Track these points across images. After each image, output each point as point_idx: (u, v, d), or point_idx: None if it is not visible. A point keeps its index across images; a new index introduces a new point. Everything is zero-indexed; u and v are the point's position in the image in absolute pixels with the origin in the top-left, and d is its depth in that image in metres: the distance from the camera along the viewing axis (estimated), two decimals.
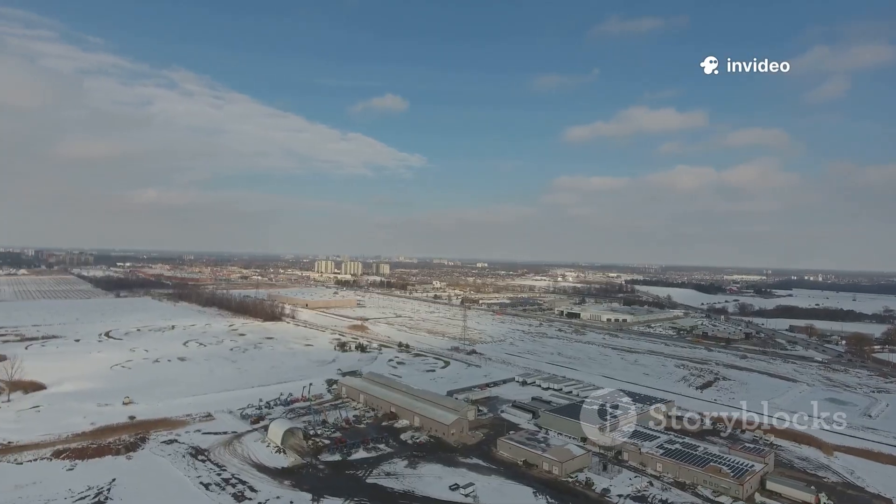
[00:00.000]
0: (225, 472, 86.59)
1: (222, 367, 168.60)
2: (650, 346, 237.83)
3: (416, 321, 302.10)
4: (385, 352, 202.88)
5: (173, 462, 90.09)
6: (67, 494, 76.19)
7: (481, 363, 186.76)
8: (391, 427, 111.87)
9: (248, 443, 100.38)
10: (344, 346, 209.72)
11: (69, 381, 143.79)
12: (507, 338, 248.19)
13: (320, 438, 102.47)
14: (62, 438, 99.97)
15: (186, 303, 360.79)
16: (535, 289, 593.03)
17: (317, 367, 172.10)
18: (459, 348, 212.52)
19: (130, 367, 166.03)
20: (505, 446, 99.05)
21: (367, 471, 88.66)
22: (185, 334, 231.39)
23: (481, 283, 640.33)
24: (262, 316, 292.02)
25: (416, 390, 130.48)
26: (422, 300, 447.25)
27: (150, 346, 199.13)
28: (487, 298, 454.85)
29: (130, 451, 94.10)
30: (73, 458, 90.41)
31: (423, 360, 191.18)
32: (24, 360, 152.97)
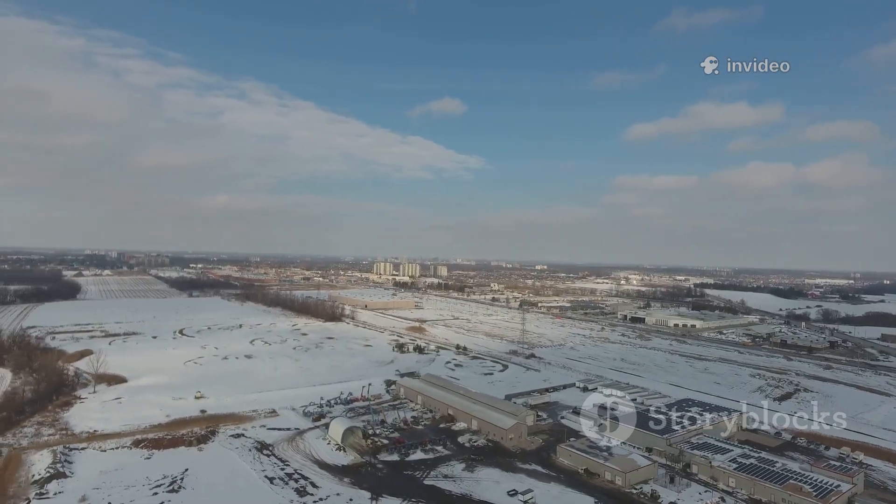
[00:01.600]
0: (288, 468, 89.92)
1: (286, 366, 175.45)
2: (722, 353, 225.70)
3: (474, 324, 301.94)
4: (443, 354, 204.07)
5: (241, 455, 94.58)
6: (145, 482, 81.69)
7: (540, 367, 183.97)
8: (449, 429, 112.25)
9: (309, 440, 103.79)
10: (402, 347, 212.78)
11: (147, 375, 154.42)
12: (568, 342, 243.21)
13: (379, 438, 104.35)
14: (140, 429, 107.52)
15: (253, 303, 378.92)
16: (597, 292, 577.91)
17: (375, 367, 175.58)
18: (518, 352, 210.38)
19: (202, 364, 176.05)
20: (565, 453, 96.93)
21: (424, 472, 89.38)
22: (252, 333, 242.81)
23: (540, 286, 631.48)
24: (324, 316, 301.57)
25: (473, 393, 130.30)
26: (479, 302, 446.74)
27: (219, 344, 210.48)
28: (547, 301, 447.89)
29: (202, 444, 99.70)
30: (150, 447, 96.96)
31: (481, 363, 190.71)
32: (107, 355, 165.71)
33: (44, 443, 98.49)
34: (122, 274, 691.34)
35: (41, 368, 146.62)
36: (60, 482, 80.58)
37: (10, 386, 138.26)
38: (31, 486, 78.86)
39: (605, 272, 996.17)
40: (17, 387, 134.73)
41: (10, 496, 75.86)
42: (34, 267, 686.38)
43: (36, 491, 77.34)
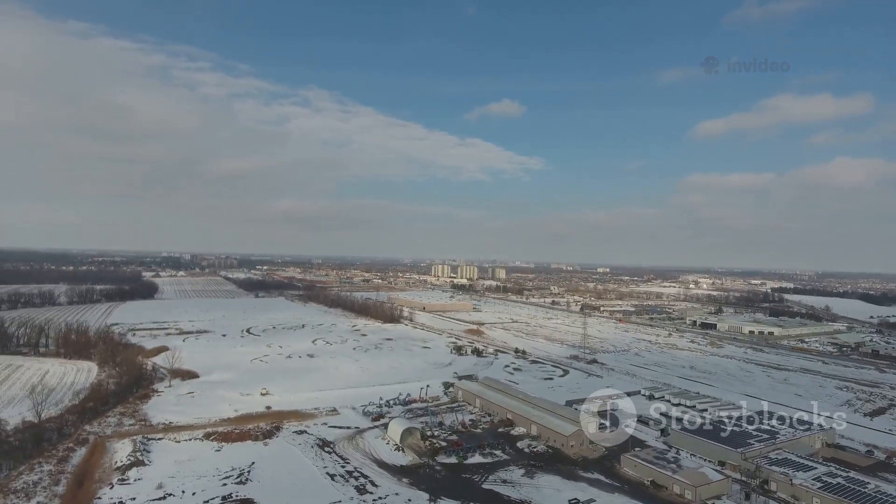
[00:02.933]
0: (348, 465, 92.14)
1: (346, 365, 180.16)
2: (804, 363, 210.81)
3: (533, 327, 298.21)
4: (501, 357, 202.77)
5: (303, 451, 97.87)
6: (215, 473, 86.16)
7: (603, 373, 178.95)
8: (507, 434, 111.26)
9: (369, 439, 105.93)
10: (460, 349, 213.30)
11: (217, 371, 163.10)
12: (632, 348, 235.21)
13: (437, 440, 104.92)
14: (211, 422, 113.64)
15: (314, 303, 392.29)
16: (664, 296, 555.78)
17: (433, 369, 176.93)
18: (579, 357, 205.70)
19: (267, 362, 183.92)
20: (630, 463, 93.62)
21: (483, 476, 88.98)
22: (314, 333, 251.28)
23: (602, 289, 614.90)
24: (382, 317, 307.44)
25: (533, 398, 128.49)
26: (539, 306, 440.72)
27: (283, 343, 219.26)
28: (609, 305, 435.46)
29: (267, 438, 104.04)
30: (219, 440, 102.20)
31: (541, 367, 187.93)
32: (181, 352, 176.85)
33: (125, 432, 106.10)
34: (195, 275, 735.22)
35: (123, 363, 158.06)
36: (139, 469, 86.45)
37: (96, 378, 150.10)
38: (114, 472, 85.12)
39: (672, 275, 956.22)
40: (102, 379, 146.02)
41: (97, 480, 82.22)
42: (117, 268, 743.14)
43: (118, 477, 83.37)
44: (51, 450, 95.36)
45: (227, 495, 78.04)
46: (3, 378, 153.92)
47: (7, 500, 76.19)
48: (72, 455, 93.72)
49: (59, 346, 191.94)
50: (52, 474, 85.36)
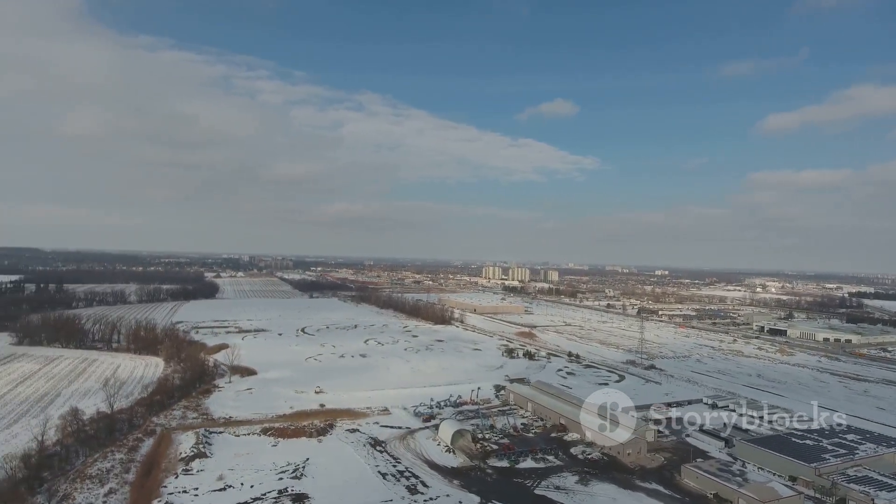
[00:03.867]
0: (399, 465, 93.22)
1: (397, 366, 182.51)
2: (887, 374, 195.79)
3: (587, 331, 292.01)
4: (554, 361, 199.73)
5: (356, 450, 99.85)
6: (272, 467, 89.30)
7: (661, 380, 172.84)
8: (560, 439, 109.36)
9: (420, 439, 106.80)
10: (511, 352, 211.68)
11: (273, 369, 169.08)
12: (693, 354, 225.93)
13: (488, 443, 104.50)
14: (268, 418, 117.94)
15: (367, 304, 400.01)
16: (728, 300, 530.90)
17: (484, 371, 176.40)
18: (636, 362, 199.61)
19: (320, 361, 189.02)
20: (691, 474, 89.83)
21: (535, 481, 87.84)
22: (366, 333, 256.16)
23: (661, 293, 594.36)
24: (433, 319, 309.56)
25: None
26: (593, 309, 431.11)
27: (336, 343, 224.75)
28: (668, 309, 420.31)
29: (321, 436, 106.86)
30: (276, 435, 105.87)
31: (595, 371, 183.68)
32: (240, 349, 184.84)
33: (189, 425, 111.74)
34: (253, 276, 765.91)
35: (187, 359, 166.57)
36: (202, 461, 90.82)
37: (162, 373, 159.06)
38: (179, 463, 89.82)
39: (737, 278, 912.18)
40: (168, 374, 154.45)
41: (163, 469, 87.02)
42: (182, 269, 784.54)
43: (182, 467, 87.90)
44: (122, 439, 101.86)
45: (283, 489, 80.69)
46: (81, 371, 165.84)
47: (83, 485, 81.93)
48: (140, 445, 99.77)
49: (130, 342, 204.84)
50: (122, 462, 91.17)
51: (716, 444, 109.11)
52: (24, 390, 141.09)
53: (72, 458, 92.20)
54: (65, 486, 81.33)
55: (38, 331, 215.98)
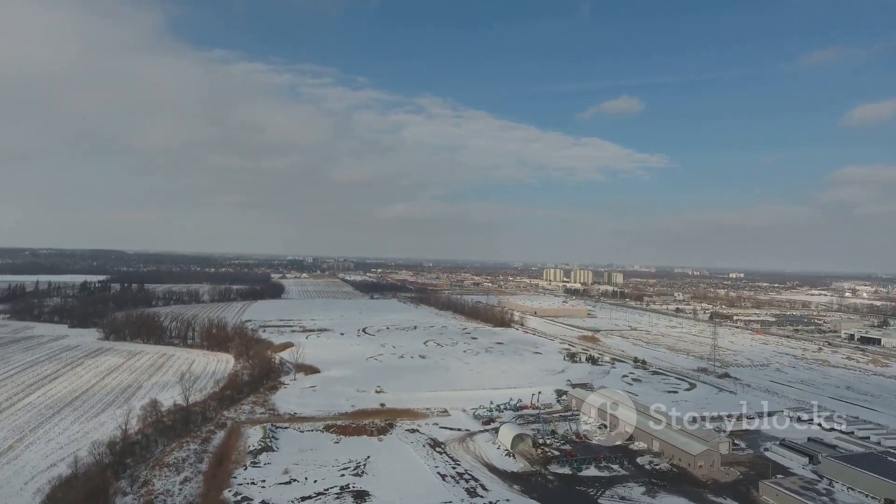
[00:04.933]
0: (459, 467, 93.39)
1: (456, 367, 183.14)
2: None
3: (655, 336, 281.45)
4: (618, 366, 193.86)
5: (415, 450, 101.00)
6: (334, 463, 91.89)
7: (736, 389, 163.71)
8: (626, 448, 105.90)
9: (479, 442, 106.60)
10: (574, 356, 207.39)
11: (336, 367, 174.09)
12: (772, 362, 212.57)
13: (549, 448, 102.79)
14: (331, 415, 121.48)
15: (426, 306, 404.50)
16: (811, 305, 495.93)
17: (545, 375, 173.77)
18: (708, 370, 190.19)
19: (381, 361, 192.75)
20: (770, 492, 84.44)
21: (599, 490, 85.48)
22: (425, 334, 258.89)
23: (735, 297, 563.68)
24: (493, 321, 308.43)
25: (655, 411, 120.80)
26: (661, 313, 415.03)
27: (396, 343, 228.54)
28: (744, 314, 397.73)
29: (381, 435, 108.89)
30: (338, 433, 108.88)
31: (664, 379, 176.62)
32: (304, 348, 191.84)
33: (257, 419, 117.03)
34: (316, 277, 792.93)
35: (255, 356, 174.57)
36: (269, 455, 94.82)
37: (233, 369, 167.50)
38: (248, 455, 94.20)
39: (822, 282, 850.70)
40: (237, 370, 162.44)
41: (233, 461, 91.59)
42: (250, 270, 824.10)
43: (251, 460, 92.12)
44: (196, 431, 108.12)
45: (345, 486, 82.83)
46: (159, 365, 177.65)
47: (162, 473, 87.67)
48: (213, 437, 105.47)
49: (203, 339, 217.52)
50: (196, 453, 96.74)
51: (798, 460, 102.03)
52: (109, 382, 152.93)
53: (151, 446, 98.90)
54: (145, 473, 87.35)
55: (123, 327, 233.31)
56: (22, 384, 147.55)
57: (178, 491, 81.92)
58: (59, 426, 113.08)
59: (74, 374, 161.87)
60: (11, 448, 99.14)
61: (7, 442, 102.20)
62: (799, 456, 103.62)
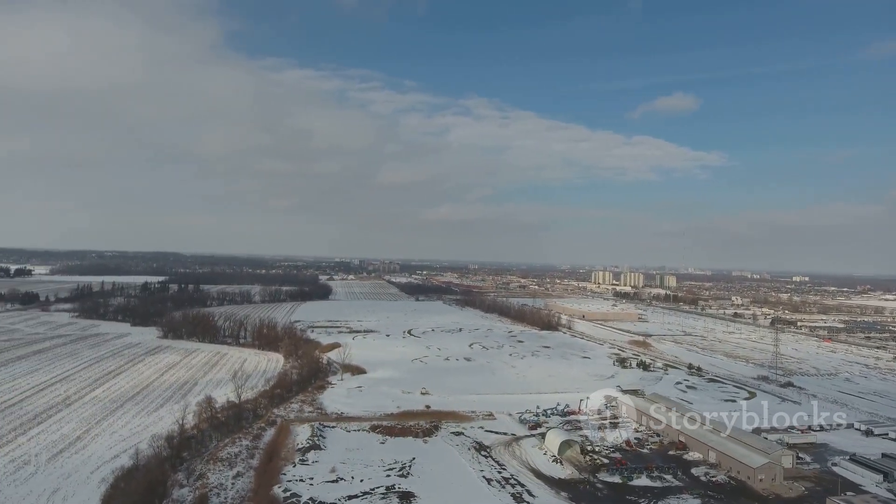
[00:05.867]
0: (504, 472, 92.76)
1: (502, 371, 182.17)
2: None
3: (710, 341, 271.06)
4: (672, 373, 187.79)
5: (460, 452, 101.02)
6: (380, 463, 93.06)
7: (801, 399, 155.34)
8: (680, 458, 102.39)
9: (525, 447, 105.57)
10: (624, 361, 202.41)
11: (382, 368, 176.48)
12: (841, 371, 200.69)
13: (598, 456, 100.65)
14: (377, 416, 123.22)
15: (471, 308, 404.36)
16: (885, 311, 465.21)
17: (594, 380, 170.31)
18: (769, 378, 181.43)
19: (426, 362, 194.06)
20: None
21: (651, 501, 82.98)
22: (470, 337, 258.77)
23: (800, 301, 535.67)
24: (539, 324, 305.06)
25: (711, 421, 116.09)
26: (717, 318, 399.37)
27: (441, 345, 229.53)
28: (809, 320, 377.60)
29: (426, 436, 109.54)
30: (384, 433, 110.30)
31: (720, 386, 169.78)
32: (351, 349, 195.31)
33: (305, 418, 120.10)
34: (363, 279, 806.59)
35: (304, 356, 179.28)
36: (316, 453, 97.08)
37: (282, 368, 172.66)
38: (296, 453, 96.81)
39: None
40: (287, 370, 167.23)
41: (282, 458, 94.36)
42: (299, 272, 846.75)
43: (299, 457, 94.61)
44: (248, 427, 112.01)
45: (390, 486, 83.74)
46: (214, 363, 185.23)
47: (215, 467, 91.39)
48: (263, 434, 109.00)
49: (254, 338, 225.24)
50: (248, 449, 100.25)
51: (871, 477, 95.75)
52: (168, 378, 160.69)
53: (206, 441, 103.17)
54: (200, 467, 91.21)
55: (180, 326, 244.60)
56: (89, 378, 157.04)
57: (230, 485, 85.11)
58: (121, 419, 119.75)
59: (136, 370, 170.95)
60: (80, 439, 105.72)
61: (76, 433, 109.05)
62: (872, 473, 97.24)
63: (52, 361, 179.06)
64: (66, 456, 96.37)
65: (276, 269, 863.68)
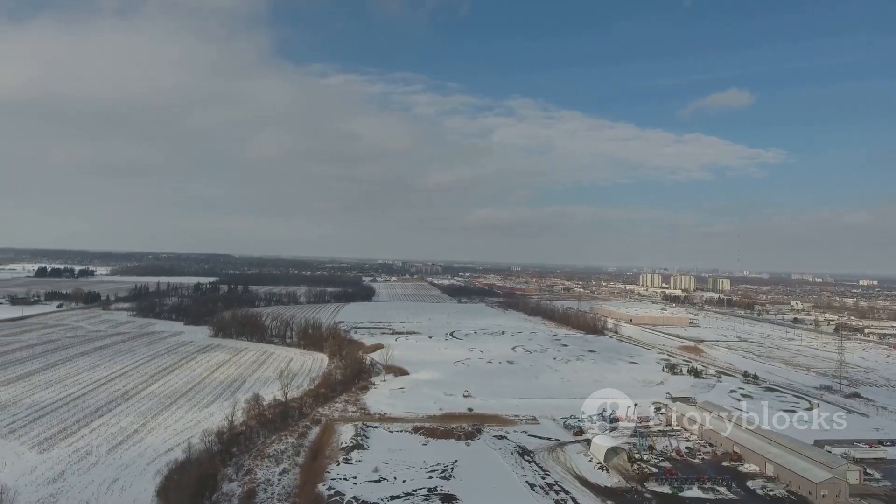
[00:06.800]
0: (548, 478, 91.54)
1: (546, 375, 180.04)
2: None
3: (768, 348, 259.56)
4: (725, 380, 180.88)
5: (503, 456, 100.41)
6: (422, 465, 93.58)
7: (869, 411, 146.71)
8: (734, 470, 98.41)
9: (570, 453, 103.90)
10: (674, 367, 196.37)
11: (424, 370, 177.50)
12: None
13: (646, 465, 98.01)
14: (419, 417, 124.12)
15: (514, 311, 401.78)
16: None
17: (642, 386, 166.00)
18: (833, 388, 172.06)
19: (468, 365, 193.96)
20: None
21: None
22: (513, 340, 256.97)
23: (867, 307, 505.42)
24: (584, 328, 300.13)
25: (769, 432, 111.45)
26: (775, 323, 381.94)
27: (484, 348, 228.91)
28: (878, 327, 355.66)
29: (469, 439, 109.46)
30: (426, 435, 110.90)
31: (779, 396, 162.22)
32: (394, 350, 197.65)
33: (349, 417, 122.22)
34: (405, 280, 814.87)
35: (347, 356, 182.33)
36: (360, 452, 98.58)
37: (326, 368, 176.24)
38: (340, 452, 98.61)
39: None
40: (331, 370, 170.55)
41: (327, 456, 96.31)
42: (343, 273, 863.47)
43: (343, 456, 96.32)
44: (293, 425, 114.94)
45: (432, 488, 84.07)
46: (261, 362, 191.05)
47: (263, 463, 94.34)
48: (308, 432, 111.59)
49: (300, 338, 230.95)
50: (294, 446, 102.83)
51: None
52: (218, 376, 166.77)
53: (254, 437, 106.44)
54: (248, 462, 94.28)
55: (230, 325, 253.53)
56: (145, 374, 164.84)
57: (277, 481, 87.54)
58: (175, 414, 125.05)
59: (189, 367, 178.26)
60: (137, 432, 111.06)
61: (133, 426, 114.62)
62: None
63: (112, 358, 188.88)
64: (124, 448, 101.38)
65: (320, 271, 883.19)
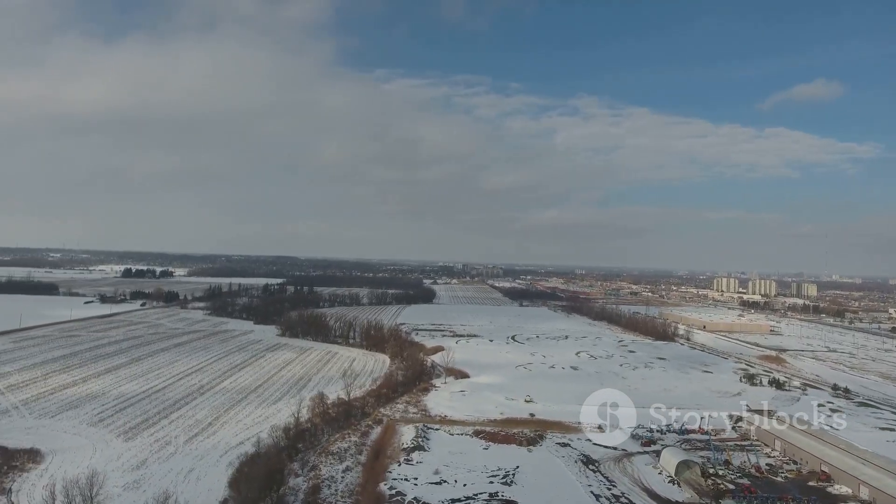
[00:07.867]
0: (615, 489, 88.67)
1: (612, 382, 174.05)
2: None
3: (861, 360, 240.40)
4: (811, 393, 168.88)
5: (566, 464, 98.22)
6: (483, 469, 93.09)
7: None
8: (823, 490, 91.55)
9: (638, 464, 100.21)
10: (752, 378, 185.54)
11: (484, 373, 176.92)
12: None
13: (722, 480, 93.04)
14: (479, 421, 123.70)
15: (578, 315, 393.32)
16: None
17: (716, 397, 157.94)
18: None
19: (530, 369, 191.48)
20: None
21: None
22: (577, 345, 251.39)
23: None
24: (653, 334, 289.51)
25: (863, 451, 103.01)
26: (870, 333, 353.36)
27: (546, 353, 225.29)
28: None
29: (531, 445, 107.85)
30: (487, 439, 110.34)
31: (874, 412, 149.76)
32: (454, 353, 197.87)
33: (410, 418, 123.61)
34: (465, 283, 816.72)
35: (408, 358, 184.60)
36: (420, 454, 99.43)
37: (388, 369, 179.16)
38: (401, 452, 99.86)
39: None
40: (392, 371, 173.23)
41: (388, 456, 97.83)
42: (404, 275, 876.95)
43: (404, 457, 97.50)
44: (356, 424, 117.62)
45: (493, 493, 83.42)
46: (325, 361, 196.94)
47: (327, 460, 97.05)
48: (371, 431, 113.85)
49: (363, 339, 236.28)
50: (356, 445, 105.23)
51: None
52: (285, 374, 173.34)
53: (318, 434, 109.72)
54: (313, 459, 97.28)
55: (296, 325, 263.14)
56: (219, 371, 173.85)
57: (340, 478, 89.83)
58: (245, 409, 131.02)
59: (258, 364, 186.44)
60: (211, 425, 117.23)
61: (208, 419, 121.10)
62: None
63: (189, 354, 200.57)
64: (199, 439, 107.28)
65: (382, 273, 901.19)
